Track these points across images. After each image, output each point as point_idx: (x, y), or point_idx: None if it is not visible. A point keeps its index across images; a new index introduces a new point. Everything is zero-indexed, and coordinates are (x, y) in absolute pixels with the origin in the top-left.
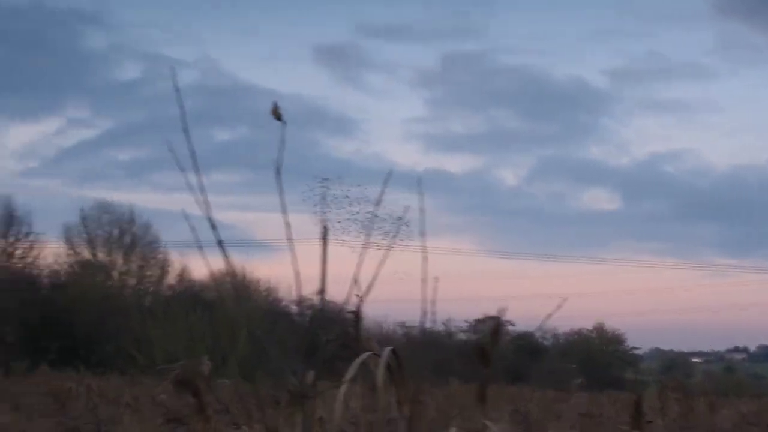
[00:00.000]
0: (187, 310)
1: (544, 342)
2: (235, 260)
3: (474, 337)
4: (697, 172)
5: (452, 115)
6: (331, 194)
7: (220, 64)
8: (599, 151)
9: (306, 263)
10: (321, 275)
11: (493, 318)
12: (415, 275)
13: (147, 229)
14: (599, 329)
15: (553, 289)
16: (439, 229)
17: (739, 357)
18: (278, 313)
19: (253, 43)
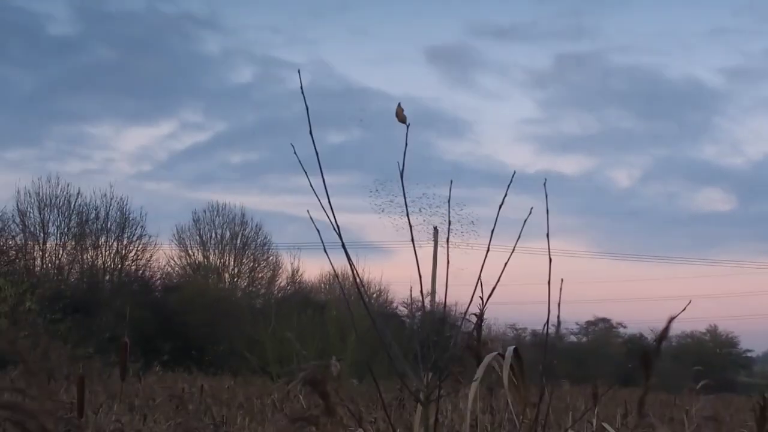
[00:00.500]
0: (299, 311)
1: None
2: (351, 262)
3: (584, 340)
4: None
5: (565, 116)
6: (443, 196)
7: (332, 66)
8: (713, 151)
9: (419, 265)
10: (432, 277)
11: (666, 326)
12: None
13: (258, 231)
14: (713, 331)
15: (666, 292)
16: (551, 231)
17: None
18: (389, 315)
19: (365, 45)
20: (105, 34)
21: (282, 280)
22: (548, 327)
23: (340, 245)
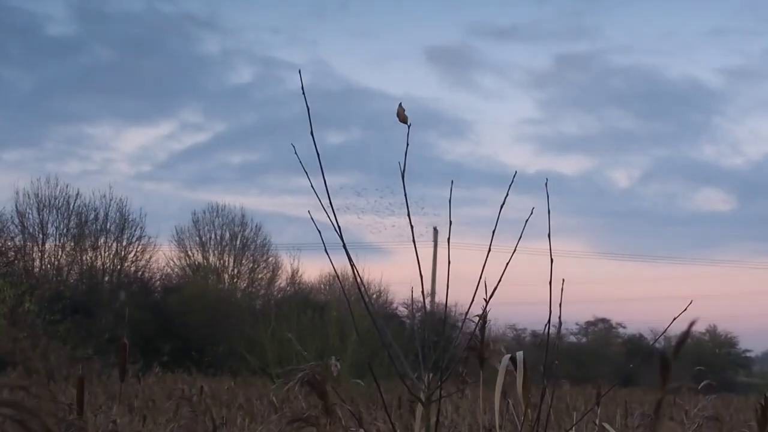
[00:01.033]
0: (298, 312)
1: (656, 344)
2: (352, 261)
3: (584, 341)
4: None
5: (565, 116)
6: (443, 196)
7: (332, 66)
8: (713, 152)
9: (420, 265)
10: (432, 277)
11: (687, 329)
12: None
13: (258, 232)
14: (712, 331)
15: (665, 292)
16: (551, 231)
17: None
18: (389, 315)
19: (365, 45)
20: (104, 35)
21: (282, 281)
22: (549, 327)
23: (341, 246)
